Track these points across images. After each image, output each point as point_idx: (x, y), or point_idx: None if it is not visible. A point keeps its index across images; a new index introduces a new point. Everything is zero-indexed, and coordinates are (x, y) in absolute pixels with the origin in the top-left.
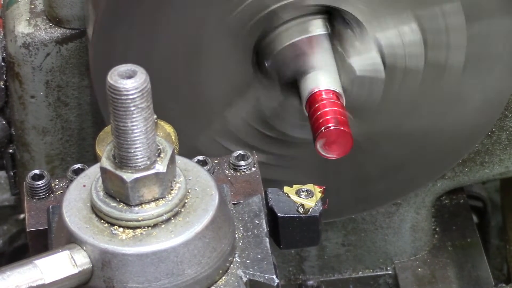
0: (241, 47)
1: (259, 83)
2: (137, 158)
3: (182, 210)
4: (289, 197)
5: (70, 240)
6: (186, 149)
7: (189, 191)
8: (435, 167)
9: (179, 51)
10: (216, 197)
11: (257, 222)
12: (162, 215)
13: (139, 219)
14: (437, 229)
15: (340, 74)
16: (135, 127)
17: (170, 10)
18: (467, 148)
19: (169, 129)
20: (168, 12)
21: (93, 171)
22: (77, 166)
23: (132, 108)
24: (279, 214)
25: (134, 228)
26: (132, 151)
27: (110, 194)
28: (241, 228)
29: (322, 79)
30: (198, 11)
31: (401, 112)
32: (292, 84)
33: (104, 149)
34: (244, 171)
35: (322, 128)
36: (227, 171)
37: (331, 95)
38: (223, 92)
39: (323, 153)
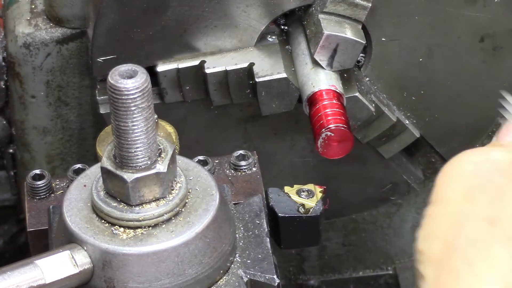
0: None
1: (263, 49)
2: (138, 158)
3: (183, 210)
4: (289, 197)
5: (71, 240)
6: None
7: (190, 191)
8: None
9: None
10: (217, 197)
11: (258, 222)
12: (162, 215)
13: (140, 219)
14: None
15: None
16: (135, 127)
17: None
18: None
19: (170, 129)
20: None
21: (93, 171)
22: (78, 166)
23: (133, 108)
24: (279, 214)
25: (134, 228)
26: (133, 151)
27: (110, 194)
28: (241, 228)
29: (323, 78)
30: None
31: None
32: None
33: (105, 149)
34: (244, 171)
35: (323, 128)
36: (227, 171)
37: (332, 95)
38: (227, 35)
39: (324, 153)
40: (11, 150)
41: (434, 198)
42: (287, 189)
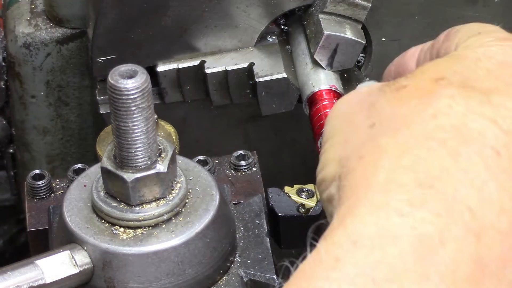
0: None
1: (263, 49)
2: (138, 158)
3: (183, 210)
4: (289, 197)
5: (71, 240)
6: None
7: (190, 191)
8: None
9: None
10: (217, 197)
11: (258, 222)
12: (163, 215)
13: (140, 219)
14: None
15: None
16: (136, 127)
17: None
18: None
19: (170, 129)
20: None
21: (93, 171)
22: (78, 166)
23: (133, 108)
24: (279, 214)
25: (135, 228)
26: (133, 151)
27: (110, 194)
28: (241, 228)
29: (323, 78)
30: None
31: None
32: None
33: (105, 149)
34: (244, 171)
35: (323, 128)
36: (227, 171)
37: (332, 95)
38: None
39: None
40: (11, 150)
41: (321, 142)
42: (287, 189)
